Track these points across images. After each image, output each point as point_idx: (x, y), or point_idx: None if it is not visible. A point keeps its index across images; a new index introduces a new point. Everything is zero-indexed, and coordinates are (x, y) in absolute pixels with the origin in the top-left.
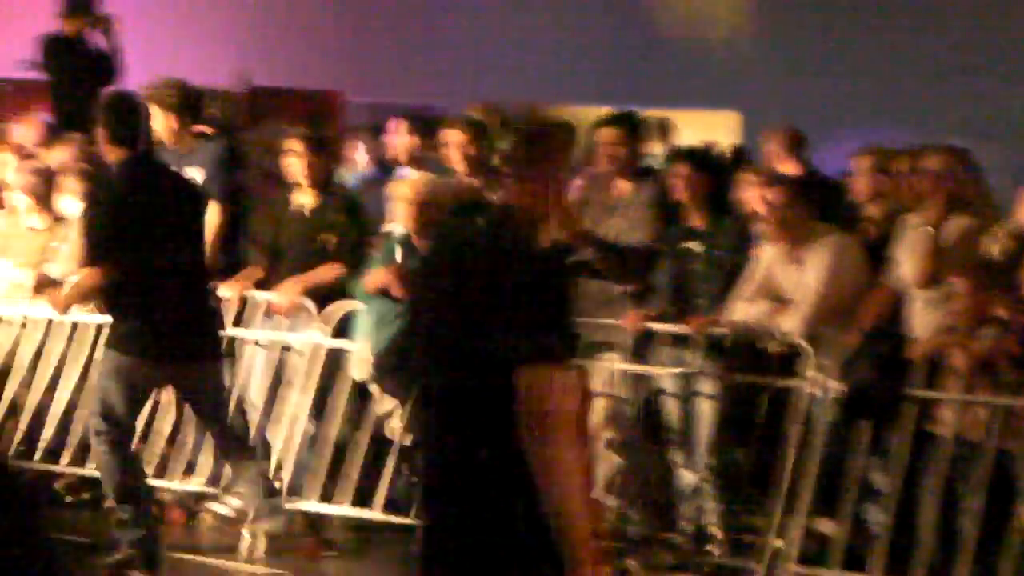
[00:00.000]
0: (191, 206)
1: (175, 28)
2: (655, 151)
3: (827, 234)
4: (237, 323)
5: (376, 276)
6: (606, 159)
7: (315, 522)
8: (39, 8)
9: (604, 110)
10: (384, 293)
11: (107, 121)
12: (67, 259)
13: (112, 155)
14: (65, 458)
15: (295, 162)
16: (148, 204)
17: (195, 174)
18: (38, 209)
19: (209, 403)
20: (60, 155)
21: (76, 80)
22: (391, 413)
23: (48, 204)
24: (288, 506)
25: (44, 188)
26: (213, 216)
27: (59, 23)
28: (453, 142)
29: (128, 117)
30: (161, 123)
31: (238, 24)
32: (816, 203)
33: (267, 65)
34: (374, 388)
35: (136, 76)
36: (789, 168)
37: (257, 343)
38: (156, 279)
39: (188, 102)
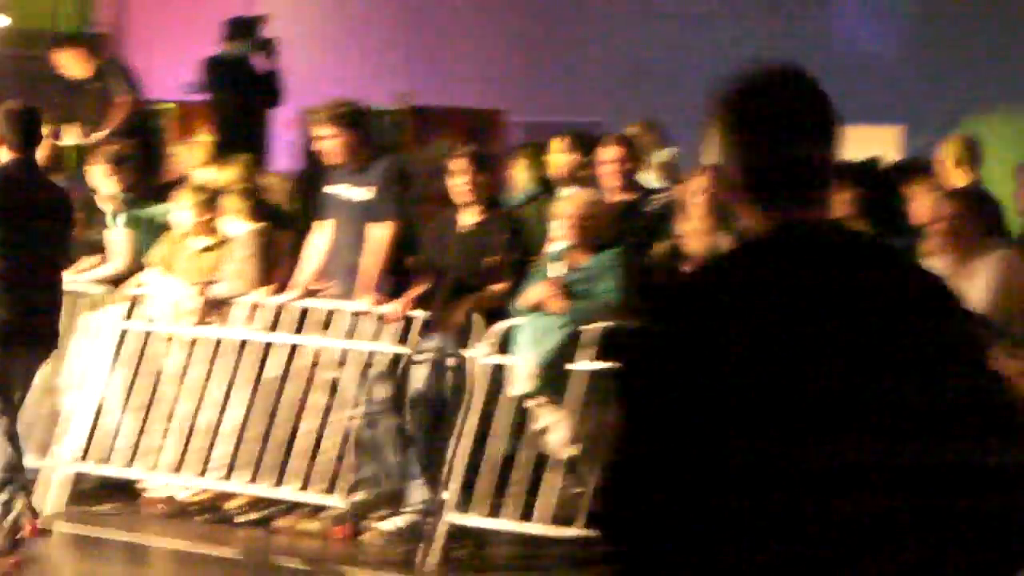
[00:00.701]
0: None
1: (338, 49)
2: None
3: (996, 248)
4: (402, 340)
5: (535, 291)
6: None
7: (481, 537)
8: (202, 32)
9: None
10: (541, 308)
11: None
12: (232, 278)
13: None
14: (245, 476)
15: (460, 181)
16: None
17: (366, 192)
18: (203, 229)
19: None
20: (225, 176)
21: (240, 102)
22: (551, 427)
23: (213, 224)
24: (455, 521)
25: (209, 208)
26: (384, 233)
27: (222, 46)
28: (608, 159)
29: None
30: (335, 141)
31: (400, 44)
32: (987, 217)
33: (430, 84)
34: (535, 403)
35: (299, 97)
36: (960, 180)
37: (422, 360)
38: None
39: (360, 121)
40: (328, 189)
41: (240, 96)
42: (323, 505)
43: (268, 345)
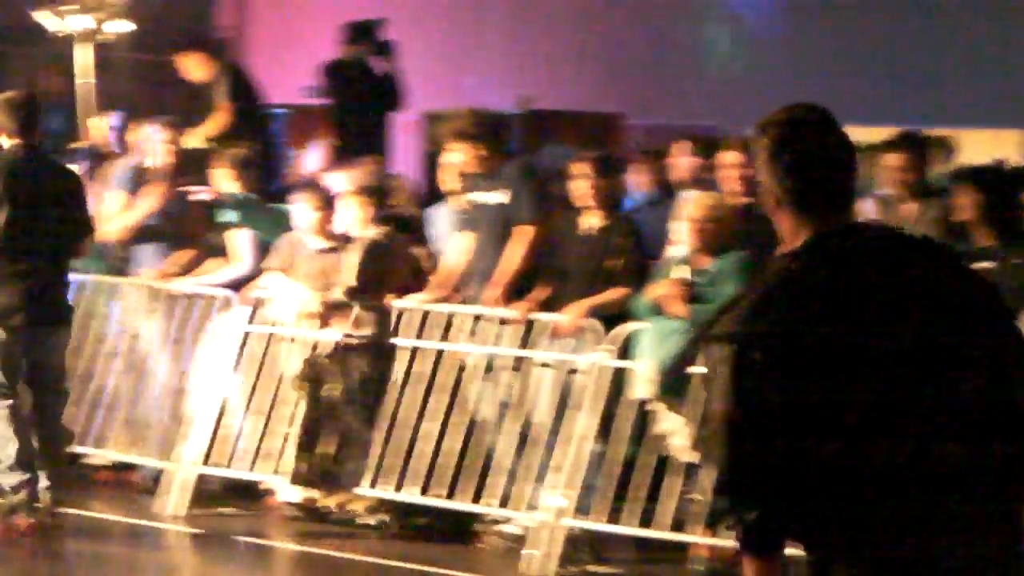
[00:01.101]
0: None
1: (457, 52)
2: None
3: None
4: (524, 344)
5: (659, 288)
6: (895, 183)
7: (599, 543)
8: (321, 36)
9: (885, 130)
10: (662, 312)
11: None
12: (353, 281)
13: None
14: (366, 479)
15: (582, 184)
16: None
17: (500, 197)
18: (324, 232)
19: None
20: (345, 178)
21: (359, 105)
22: (673, 432)
23: (334, 227)
24: (575, 525)
25: (329, 211)
26: (525, 237)
27: (341, 50)
28: (729, 163)
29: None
30: (464, 154)
31: (519, 48)
32: None
33: (548, 88)
34: (656, 407)
35: (419, 100)
36: None
37: (544, 364)
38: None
39: (487, 128)
40: (463, 196)
41: (360, 100)
42: (443, 508)
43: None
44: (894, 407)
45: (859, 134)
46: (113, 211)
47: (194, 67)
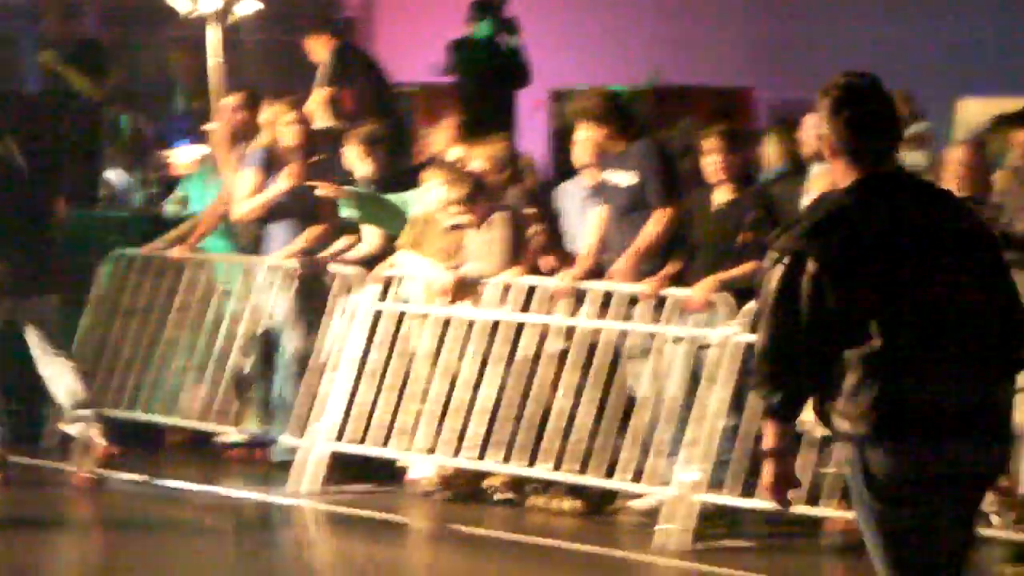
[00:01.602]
0: None
1: (580, 29)
2: None
3: None
4: (655, 319)
5: None
6: None
7: (733, 517)
8: (448, 14)
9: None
10: None
11: None
12: (483, 257)
13: None
14: (498, 455)
15: (713, 159)
16: None
17: (629, 178)
18: (453, 209)
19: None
20: (475, 156)
21: (485, 83)
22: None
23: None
24: (709, 500)
25: (459, 188)
26: (661, 219)
27: (467, 27)
28: None
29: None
30: (592, 134)
31: (644, 22)
32: None
33: (676, 63)
34: None
35: (545, 77)
36: None
37: (676, 339)
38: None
39: (616, 111)
40: (596, 175)
41: (487, 77)
42: (576, 484)
43: (520, 324)
44: (918, 302)
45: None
46: (245, 192)
47: (319, 48)
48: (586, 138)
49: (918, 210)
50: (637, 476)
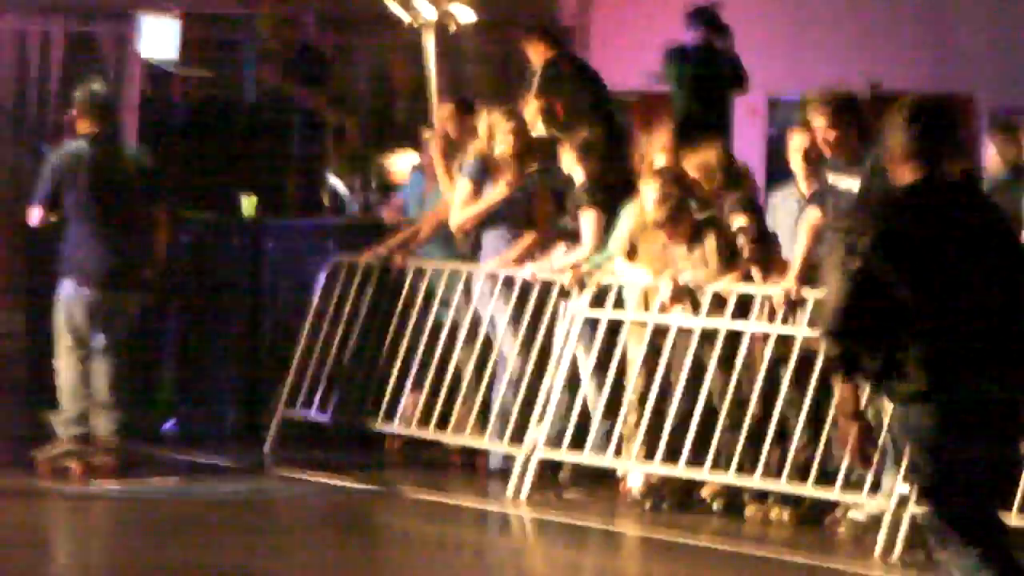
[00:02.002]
0: None
1: (791, 34)
2: None
3: None
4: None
5: None
6: None
7: None
8: (665, 22)
9: None
10: None
11: None
12: (698, 265)
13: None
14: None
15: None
16: None
17: (853, 184)
18: (668, 217)
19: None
20: (693, 163)
21: (701, 90)
22: None
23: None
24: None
25: (674, 195)
26: None
27: (685, 35)
28: None
29: None
30: (829, 134)
31: (862, 28)
32: None
33: (890, 68)
34: None
35: (761, 83)
36: None
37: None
38: None
39: (855, 113)
40: (826, 179)
41: (703, 84)
42: (794, 494)
43: (737, 332)
44: (954, 282)
45: None
46: (461, 200)
47: (534, 54)
48: (803, 142)
49: (960, 207)
50: (856, 486)
